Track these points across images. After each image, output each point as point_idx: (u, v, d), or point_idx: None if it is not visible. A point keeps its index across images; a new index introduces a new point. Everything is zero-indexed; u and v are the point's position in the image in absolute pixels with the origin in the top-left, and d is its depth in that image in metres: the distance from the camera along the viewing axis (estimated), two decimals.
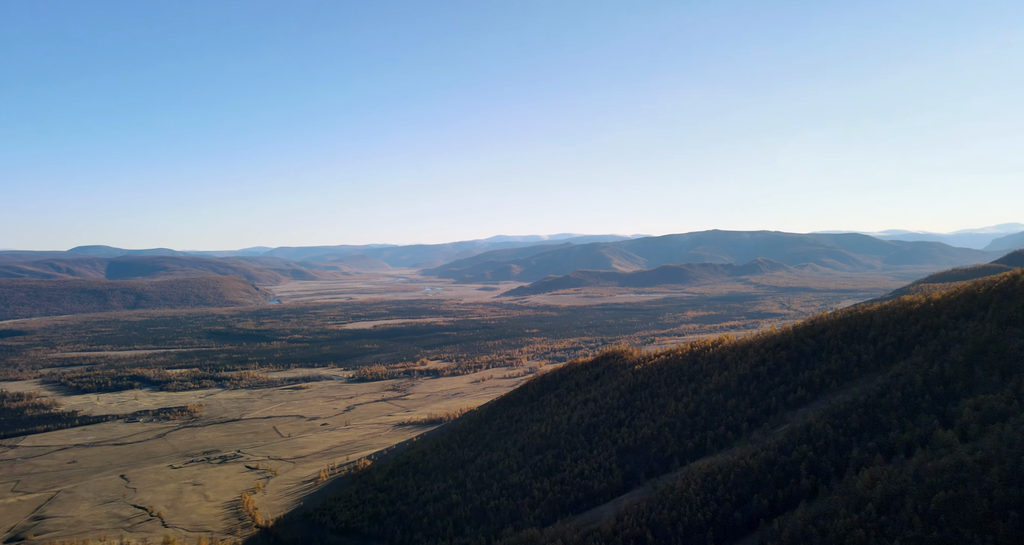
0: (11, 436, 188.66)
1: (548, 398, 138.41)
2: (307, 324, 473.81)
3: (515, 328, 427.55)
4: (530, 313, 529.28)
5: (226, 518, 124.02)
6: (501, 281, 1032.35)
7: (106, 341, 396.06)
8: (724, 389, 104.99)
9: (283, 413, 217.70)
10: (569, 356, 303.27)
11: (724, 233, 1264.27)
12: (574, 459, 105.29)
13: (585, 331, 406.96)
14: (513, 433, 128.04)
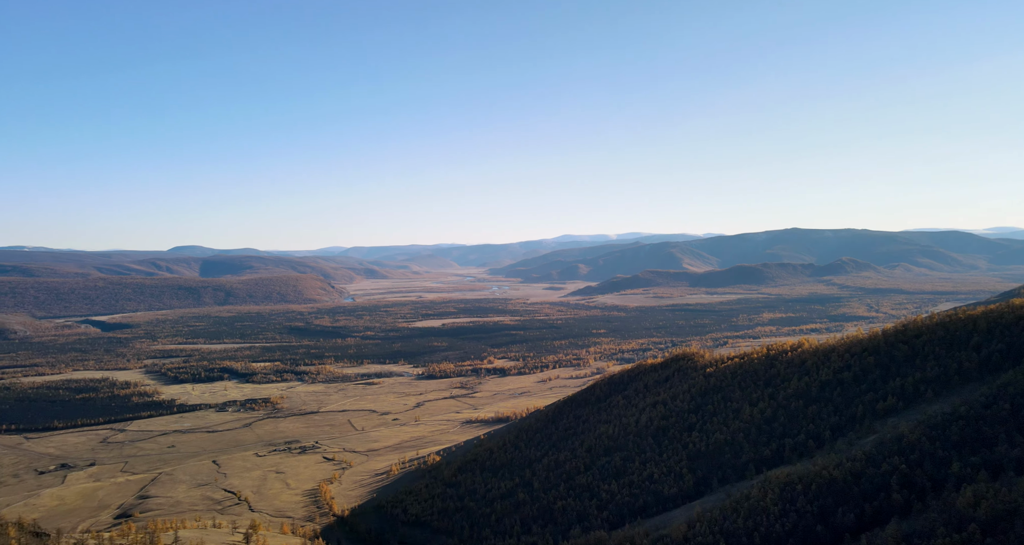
0: (121, 420, 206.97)
1: (616, 400, 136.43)
2: (379, 321, 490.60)
3: (582, 328, 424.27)
4: (597, 313, 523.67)
5: (306, 506, 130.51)
6: (568, 281, 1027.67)
7: (199, 335, 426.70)
8: (804, 395, 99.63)
9: (357, 407, 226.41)
10: (637, 357, 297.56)
11: (804, 231, 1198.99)
12: (643, 462, 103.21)
13: (654, 332, 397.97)
14: (580, 434, 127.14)
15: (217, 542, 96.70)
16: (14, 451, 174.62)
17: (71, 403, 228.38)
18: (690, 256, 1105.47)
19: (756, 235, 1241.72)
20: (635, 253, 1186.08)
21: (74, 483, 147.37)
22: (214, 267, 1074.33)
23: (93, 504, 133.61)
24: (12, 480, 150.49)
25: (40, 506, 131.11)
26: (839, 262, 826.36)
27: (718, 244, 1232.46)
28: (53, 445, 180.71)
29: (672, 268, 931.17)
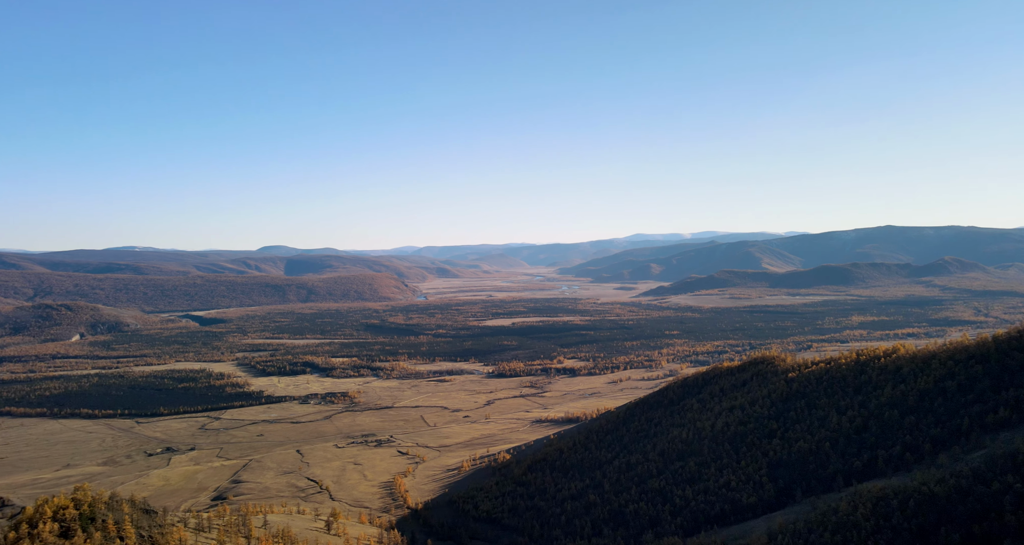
0: (216, 409, 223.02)
1: (690, 403, 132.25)
2: (450, 320, 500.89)
3: (654, 329, 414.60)
4: (670, 314, 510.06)
5: (381, 497, 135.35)
6: (639, 281, 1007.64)
7: (284, 330, 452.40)
8: (899, 404, 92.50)
9: (429, 404, 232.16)
10: (712, 360, 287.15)
11: (900, 229, 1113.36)
12: (719, 468, 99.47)
13: (730, 334, 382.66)
14: (652, 437, 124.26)
15: (301, 527, 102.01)
16: (127, 434, 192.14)
17: (174, 392, 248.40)
18: (770, 255, 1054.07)
19: (844, 233, 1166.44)
20: (710, 252, 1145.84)
21: (177, 465, 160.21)
22: (297, 266, 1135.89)
23: (193, 486, 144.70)
24: (126, 461, 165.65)
25: (149, 485, 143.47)
26: (941, 262, 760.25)
27: (801, 243, 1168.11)
28: (159, 429, 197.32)
29: (750, 268, 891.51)
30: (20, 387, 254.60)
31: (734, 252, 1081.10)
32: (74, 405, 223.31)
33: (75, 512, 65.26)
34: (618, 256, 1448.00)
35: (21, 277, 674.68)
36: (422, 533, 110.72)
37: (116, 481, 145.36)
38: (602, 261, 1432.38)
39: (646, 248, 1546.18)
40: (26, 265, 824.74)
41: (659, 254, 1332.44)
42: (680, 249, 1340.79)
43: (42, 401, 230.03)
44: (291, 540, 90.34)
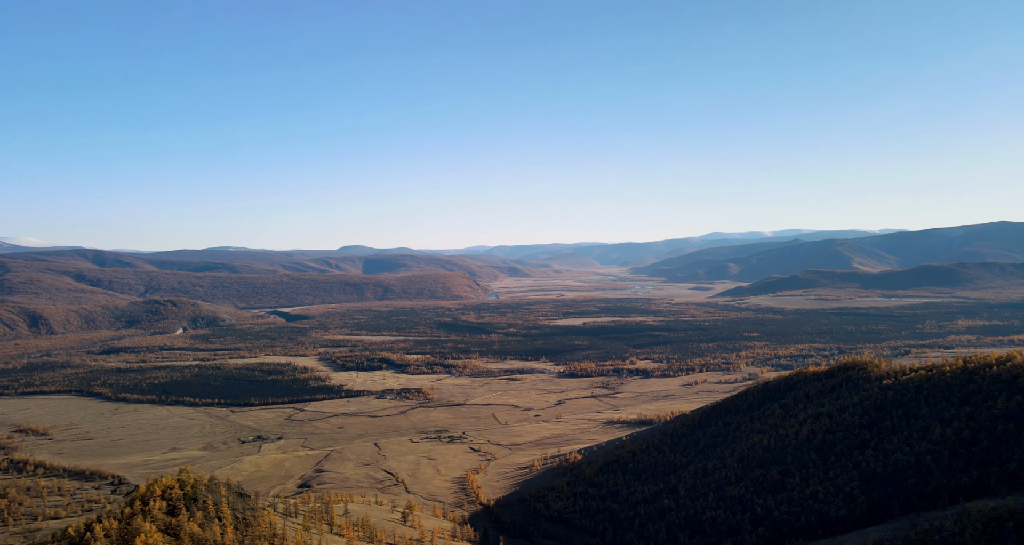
0: (301, 401, 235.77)
1: (771, 408, 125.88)
2: (521, 319, 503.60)
3: (732, 330, 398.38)
4: (749, 315, 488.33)
5: (454, 492, 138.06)
6: (716, 281, 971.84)
7: (362, 327, 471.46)
8: (1016, 417, 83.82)
9: (500, 402, 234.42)
10: (796, 364, 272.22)
11: (1016, 225, 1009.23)
12: (804, 478, 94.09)
13: (816, 337, 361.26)
14: (730, 442, 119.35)
15: (379, 518, 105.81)
16: (223, 422, 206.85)
17: (264, 383, 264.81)
18: (862, 254, 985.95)
19: (949, 230, 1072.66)
20: (793, 251, 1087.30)
21: (266, 453, 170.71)
22: (374, 265, 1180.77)
23: (281, 473, 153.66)
24: (222, 446, 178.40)
25: (242, 470, 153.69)
26: None
27: (898, 241, 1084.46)
28: (251, 419, 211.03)
29: (839, 268, 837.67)
30: (134, 375, 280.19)
31: (820, 251, 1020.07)
32: (178, 393, 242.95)
33: (180, 492, 70.82)
34: (693, 255, 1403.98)
35: (134, 275, 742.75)
36: (494, 530, 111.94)
37: (214, 465, 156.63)
38: (676, 261, 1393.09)
39: (723, 247, 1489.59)
40: (139, 264, 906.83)
41: (737, 253, 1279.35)
42: (760, 248, 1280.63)
43: (152, 389, 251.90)
44: (370, 529, 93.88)
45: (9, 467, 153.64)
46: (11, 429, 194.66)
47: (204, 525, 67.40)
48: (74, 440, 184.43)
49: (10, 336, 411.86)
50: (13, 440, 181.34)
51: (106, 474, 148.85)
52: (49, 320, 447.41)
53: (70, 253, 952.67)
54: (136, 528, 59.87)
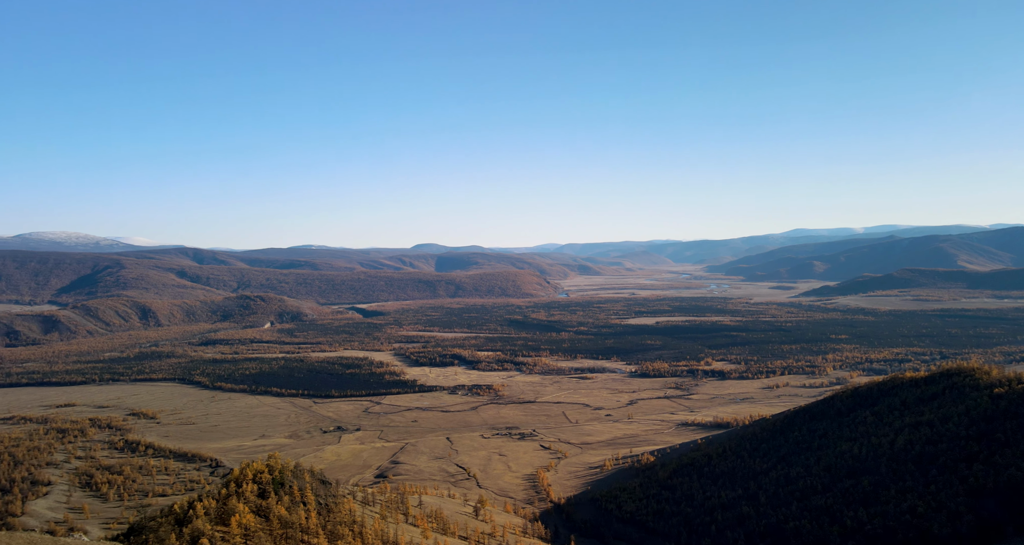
0: (377, 394, 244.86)
1: (863, 415, 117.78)
2: (592, 317, 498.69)
3: (817, 332, 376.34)
4: (837, 316, 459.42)
5: (525, 489, 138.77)
6: (799, 280, 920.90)
7: (435, 324, 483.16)
8: None
9: (570, 400, 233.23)
10: (891, 369, 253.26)
11: None
12: (900, 491, 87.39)
13: (914, 341, 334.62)
14: (816, 450, 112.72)
15: (452, 511, 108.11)
16: (307, 412, 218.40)
17: (343, 376, 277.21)
18: (969, 251, 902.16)
19: None
20: (888, 248, 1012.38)
21: (346, 443, 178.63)
22: (446, 263, 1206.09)
23: (359, 463, 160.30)
24: (306, 436, 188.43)
25: (323, 459, 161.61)
26: None
27: (1012, 237, 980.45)
28: (332, 410, 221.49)
29: (941, 266, 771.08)
30: (228, 366, 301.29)
31: (919, 248, 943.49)
32: (267, 384, 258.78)
33: (269, 477, 75.35)
34: (774, 253, 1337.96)
35: (228, 272, 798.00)
36: (565, 528, 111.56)
37: (298, 453, 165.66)
38: (755, 258, 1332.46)
39: (808, 244, 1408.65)
40: (232, 262, 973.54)
41: (823, 250, 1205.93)
42: (850, 245, 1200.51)
43: (244, 379, 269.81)
44: (443, 522, 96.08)
45: (124, 447, 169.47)
46: (126, 412, 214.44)
47: (291, 508, 71.37)
48: (178, 424, 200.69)
49: (124, 327, 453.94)
50: (127, 422, 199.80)
51: (205, 457, 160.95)
52: (156, 313, 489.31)
53: (174, 251, 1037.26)
54: (231, 508, 64.26)
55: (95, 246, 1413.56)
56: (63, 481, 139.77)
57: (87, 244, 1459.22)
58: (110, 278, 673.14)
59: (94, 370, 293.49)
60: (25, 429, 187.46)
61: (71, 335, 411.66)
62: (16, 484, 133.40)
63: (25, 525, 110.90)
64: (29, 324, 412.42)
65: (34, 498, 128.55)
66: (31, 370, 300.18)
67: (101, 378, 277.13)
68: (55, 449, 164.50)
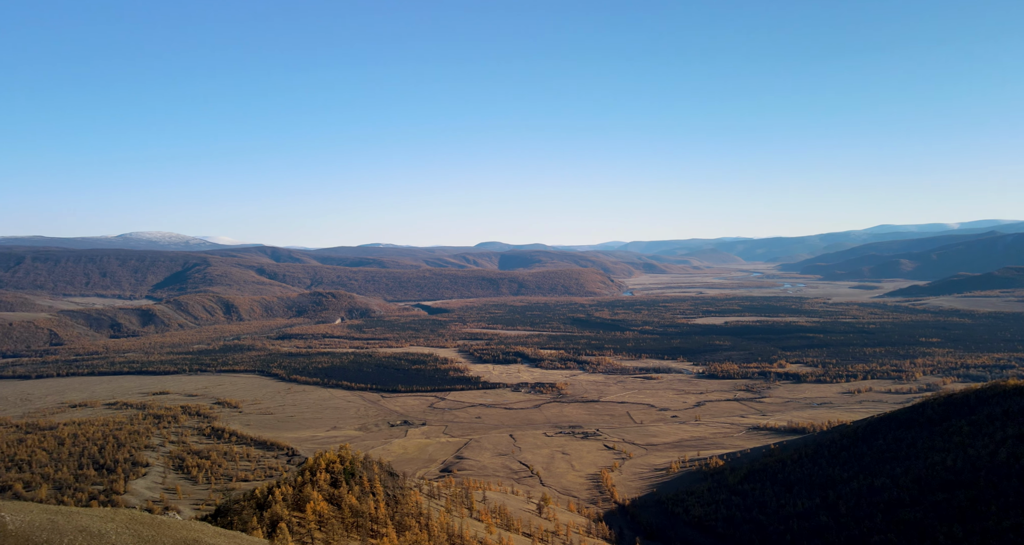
0: (441, 390, 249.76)
1: (958, 425, 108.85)
2: (657, 316, 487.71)
3: (904, 334, 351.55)
4: (927, 318, 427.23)
5: (588, 488, 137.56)
6: (884, 279, 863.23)
7: (498, 321, 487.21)
8: None
9: (635, 400, 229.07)
10: (991, 375, 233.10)
11: None
12: (1003, 507, 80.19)
13: (1019, 346, 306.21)
14: (903, 460, 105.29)
15: (515, 507, 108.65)
16: (375, 406, 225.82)
17: (409, 372, 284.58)
18: None
19: None
20: (988, 245, 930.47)
21: (412, 437, 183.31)
22: (509, 260, 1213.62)
23: (424, 457, 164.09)
24: (374, 428, 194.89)
25: (391, 452, 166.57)
26: None
27: None
28: (398, 404, 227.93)
29: None
30: (302, 360, 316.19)
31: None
32: (338, 378, 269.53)
33: (340, 467, 78.32)
34: (855, 250, 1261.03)
35: (302, 270, 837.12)
36: (630, 530, 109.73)
37: (367, 445, 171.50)
38: (834, 256, 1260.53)
39: (894, 241, 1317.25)
40: (305, 260, 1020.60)
41: (912, 248, 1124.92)
42: (943, 242, 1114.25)
43: (316, 372, 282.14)
44: (507, 517, 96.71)
45: (211, 433, 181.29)
46: (212, 401, 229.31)
47: (361, 498, 73.89)
48: (258, 414, 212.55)
49: (210, 321, 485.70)
50: (214, 410, 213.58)
51: (282, 445, 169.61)
52: (238, 308, 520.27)
53: (254, 250, 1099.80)
54: (306, 495, 67.26)
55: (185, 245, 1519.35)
56: (159, 464, 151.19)
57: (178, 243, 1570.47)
58: (198, 275, 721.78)
59: (184, 360, 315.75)
60: (126, 414, 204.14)
61: (165, 328, 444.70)
62: (119, 465, 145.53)
63: (127, 503, 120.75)
64: (129, 317, 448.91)
65: (135, 478, 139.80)
66: (131, 359, 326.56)
67: (190, 368, 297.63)
68: (152, 433, 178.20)
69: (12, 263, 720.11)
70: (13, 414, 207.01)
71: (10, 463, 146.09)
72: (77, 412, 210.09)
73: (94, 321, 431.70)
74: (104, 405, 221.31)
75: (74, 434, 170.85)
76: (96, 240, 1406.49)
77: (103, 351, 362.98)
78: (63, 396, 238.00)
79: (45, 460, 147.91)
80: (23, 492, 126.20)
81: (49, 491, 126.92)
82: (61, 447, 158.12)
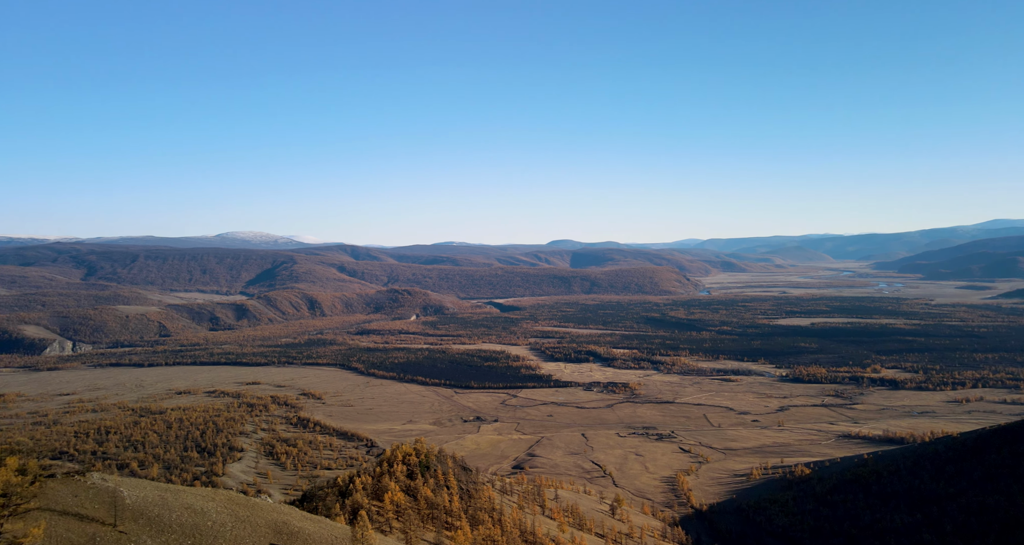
0: (513, 387, 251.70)
1: None
2: (736, 316, 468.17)
3: (1023, 340, 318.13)
4: None
5: (663, 492, 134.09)
6: (998, 279, 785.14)
7: (569, 320, 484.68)
8: None
9: (712, 403, 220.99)
10: None
11: None
12: None
13: None
14: (1021, 477, 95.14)
15: (587, 507, 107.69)
16: (448, 401, 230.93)
17: (481, 368, 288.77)
18: None
19: None
20: None
21: (484, 433, 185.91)
22: (581, 259, 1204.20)
23: (497, 453, 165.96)
24: (448, 423, 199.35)
25: (464, 447, 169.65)
26: None
27: None
28: (471, 400, 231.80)
29: None
30: (380, 354, 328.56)
31: None
32: (413, 373, 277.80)
33: (416, 460, 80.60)
34: (964, 247, 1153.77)
35: (379, 267, 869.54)
36: (707, 536, 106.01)
37: (441, 439, 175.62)
38: (938, 254, 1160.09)
39: (1010, 237, 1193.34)
40: (383, 257, 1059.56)
41: None
42: None
43: (393, 367, 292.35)
44: (579, 517, 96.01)
45: (298, 423, 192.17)
46: (298, 392, 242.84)
47: (435, 491, 75.74)
48: (339, 405, 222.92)
49: (296, 316, 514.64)
50: (299, 401, 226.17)
51: (362, 437, 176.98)
52: (321, 304, 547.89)
53: (335, 248, 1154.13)
54: (384, 486, 69.73)
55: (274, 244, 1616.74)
56: (252, 449, 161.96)
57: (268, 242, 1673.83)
58: (285, 272, 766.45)
59: (273, 353, 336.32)
60: (223, 402, 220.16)
61: (256, 322, 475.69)
62: (218, 449, 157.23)
63: (224, 484, 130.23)
64: (225, 311, 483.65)
65: (231, 461, 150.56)
66: (227, 351, 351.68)
67: (279, 360, 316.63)
68: (245, 421, 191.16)
69: (129, 261, 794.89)
70: (129, 398, 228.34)
71: (127, 443, 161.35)
72: (182, 399, 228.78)
73: (196, 314, 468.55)
74: (205, 393, 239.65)
75: (180, 419, 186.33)
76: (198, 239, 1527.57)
77: (203, 343, 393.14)
78: (170, 383, 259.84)
79: (156, 442, 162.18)
80: (138, 470, 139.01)
81: (160, 470, 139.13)
82: (169, 430, 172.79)
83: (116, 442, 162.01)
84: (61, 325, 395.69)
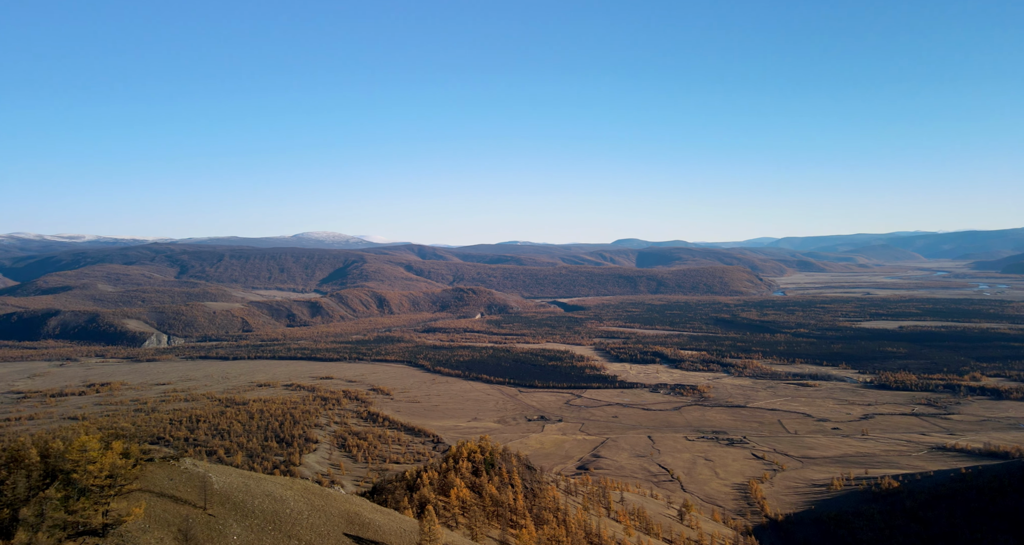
0: (577, 388, 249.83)
1: None
2: (814, 318, 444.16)
3: None
4: None
5: (735, 499, 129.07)
6: None
7: (635, 320, 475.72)
8: None
9: (787, 408, 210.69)
10: None
11: None
12: None
13: None
14: None
15: (654, 511, 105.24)
16: (512, 400, 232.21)
17: (545, 368, 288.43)
18: None
19: None
20: None
21: (549, 433, 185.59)
22: (648, 258, 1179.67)
23: (561, 453, 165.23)
24: (512, 422, 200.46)
25: (528, 446, 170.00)
26: None
27: None
28: (535, 400, 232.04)
29: None
30: (445, 352, 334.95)
31: None
32: (477, 371, 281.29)
33: (481, 457, 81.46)
34: None
35: (445, 267, 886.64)
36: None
37: (506, 437, 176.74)
38: None
39: None
40: (448, 257, 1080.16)
41: None
42: None
43: (458, 365, 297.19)
44: (646, 521, 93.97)
45: (367, 417, 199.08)
46: (368, 387, 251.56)
47: (500, 488, 76.23)
48: (406, 401, 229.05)
49: (366, 314, 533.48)
50: (369, 396, 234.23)
51: (428, 432, 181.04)
52: (389, 302, 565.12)
53: (402, 248, 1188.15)
54: (450, 481, 70.90)
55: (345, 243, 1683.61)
56: (326, 441, 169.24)
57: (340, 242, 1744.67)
58: (355, 271, 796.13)
59: (345, 349, 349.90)
60: (300, 395, 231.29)
61: (329, 318, 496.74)
62: (296, 439, 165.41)
63: (301, 473, 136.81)
64: (301, 308, 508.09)
65: (307, 452, 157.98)
66: (303, 347, 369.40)
67: (350, 356, 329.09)
68: (320, 413, 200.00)
69: (215, 260, 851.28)
70: (216, 389, 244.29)
71: (215, 431, 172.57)
72: (263, 391, 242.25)
73: (275, 311, 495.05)
74: (283, 386, 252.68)
75: (260, 410, 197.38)
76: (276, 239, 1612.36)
77: (281, 338, 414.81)
78: (252, 376, 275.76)
79: (240, 431, 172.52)
80: (224, 457, 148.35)
81: (243, 458, 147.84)
82: (251, 420, 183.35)
83: (205, 430, 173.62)
84: (158, 320, 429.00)
